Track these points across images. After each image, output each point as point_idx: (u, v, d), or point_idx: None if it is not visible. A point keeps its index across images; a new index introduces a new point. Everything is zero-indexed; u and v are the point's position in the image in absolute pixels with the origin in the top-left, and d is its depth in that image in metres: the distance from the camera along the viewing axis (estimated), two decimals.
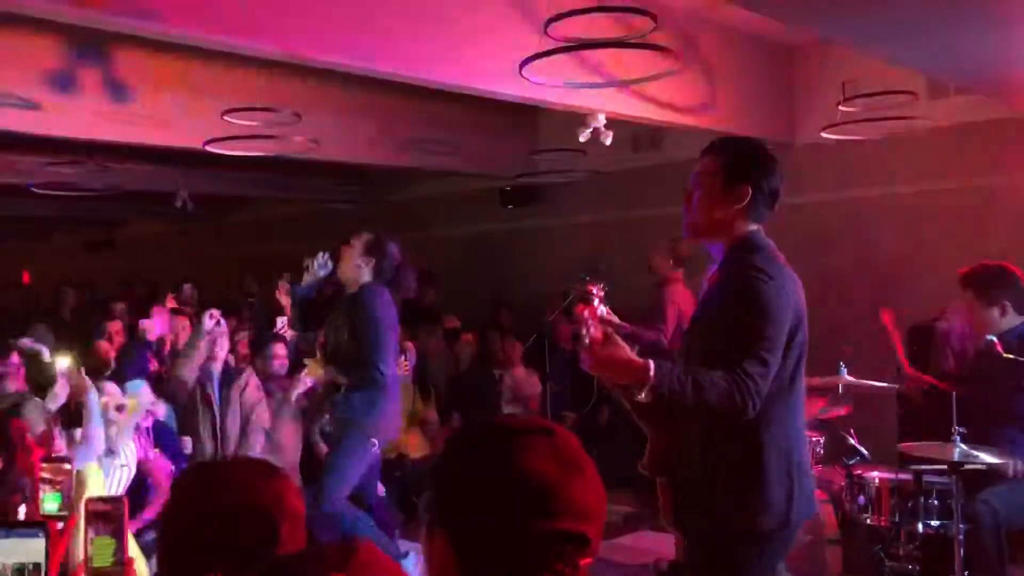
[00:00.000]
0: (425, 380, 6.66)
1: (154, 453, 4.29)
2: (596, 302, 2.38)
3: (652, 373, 2.20)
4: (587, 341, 2.28)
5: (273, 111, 5.42)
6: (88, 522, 2.07)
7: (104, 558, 2.05)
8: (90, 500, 2.12)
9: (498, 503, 1.12)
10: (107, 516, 2.07)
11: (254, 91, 6.03)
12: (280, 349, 5.23)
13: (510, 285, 9.11)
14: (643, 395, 2.22)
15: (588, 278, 6.72)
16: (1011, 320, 3.64)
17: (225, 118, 5.33)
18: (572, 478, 1.14)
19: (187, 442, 4.94)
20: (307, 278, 4.79)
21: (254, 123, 5.45)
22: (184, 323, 5.99)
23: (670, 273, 6.04)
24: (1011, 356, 3.47)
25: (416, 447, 6.22)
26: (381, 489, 5.19)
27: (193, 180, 8.81)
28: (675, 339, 5.79)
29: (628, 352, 2.26)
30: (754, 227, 2.49)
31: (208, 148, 5.55)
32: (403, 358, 5.55)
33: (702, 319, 2.50)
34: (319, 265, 4.77)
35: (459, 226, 10.13)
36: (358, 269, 4.46)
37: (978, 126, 6.20)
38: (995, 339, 3.50)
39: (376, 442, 4.33)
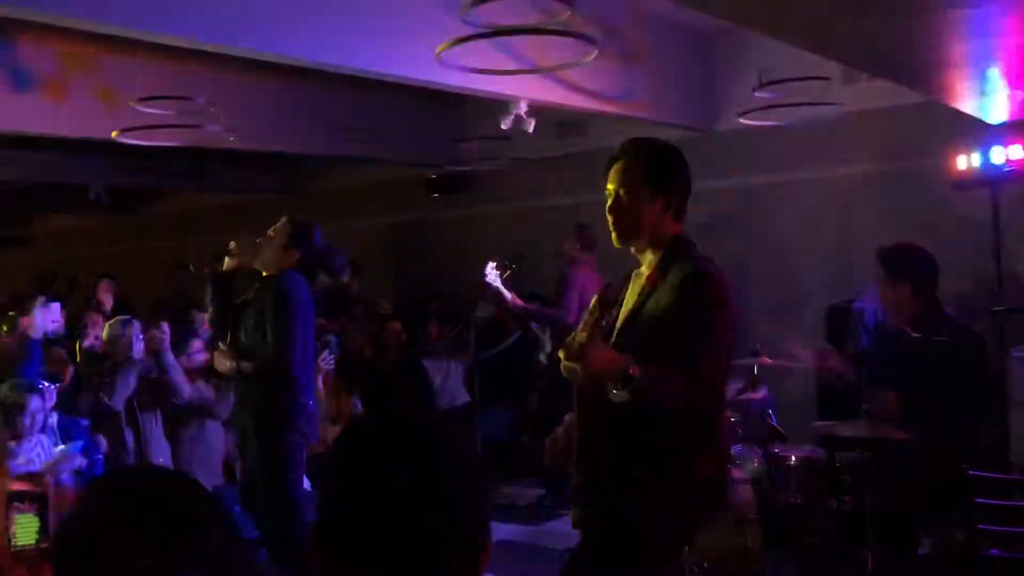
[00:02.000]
0: (349, 372, 6.59)
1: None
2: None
3: (635, 371, 2.23)
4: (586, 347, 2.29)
5: (188, 99, 5.28)
6: (9, 500, 1.99)
7: (27, 536, 1.98)
8: (11, 479, 2.04)
9: (366, 500, 1.10)
10: (29, 495, 2.00)
11: (169, 79, 5.87)
12: (197, 344, 5.12)
13: (437, 274, 9.08)
14: (623, 393, 2.24)
15: (512, 265, 6.76)
16: (921, 302, 3.73)
17: (137, 107, 5.18)
18: (453, 469, 1.12)
19: (100, 439, 4.79)
20: (229, 263, 4.41)
21: (168, 112, 5.30)
22: (97, 319, 5.81)
23: (578, 256, 6.18)
24: (918, 335, 3.57)
25: None
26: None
27: (109, 172, 8.56)
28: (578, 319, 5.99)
29: (611, 351, 2.33)
30: (679, 225, 2.59)
31: (119, 139, 5.37)
32: (326, 352, 5.49)
33: (639, 319, 2.50)
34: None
35: (385, 215, 10.04)
36: (280, 260, 4.22)
37: (891, 111, 6.36)
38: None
39: (298, 435, 4.18)
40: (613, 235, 2.60)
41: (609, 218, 2.59)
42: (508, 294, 5.85)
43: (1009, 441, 4.56)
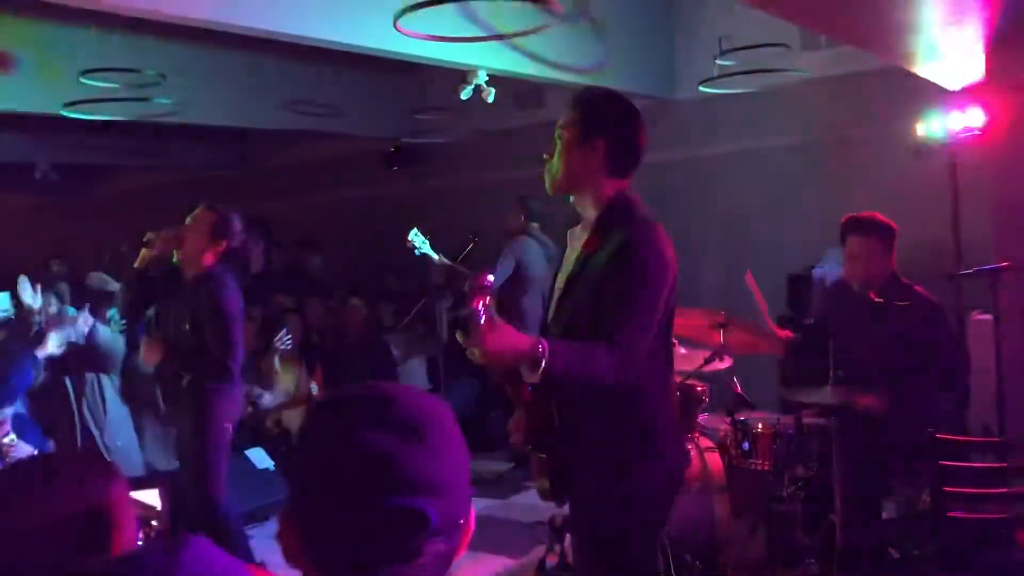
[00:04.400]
0: (310, 352, 6.50)
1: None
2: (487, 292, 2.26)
3: (543, 354, 2.13)
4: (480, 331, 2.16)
5: (136, 72, 5.12)
6: None
7: None
8: None
9: (331, 480, 1.04)
10: None
11: (116, 51, 5.69)
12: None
13: (397, 248, 8.97)
14: (534, 376, 2.17)
15: (475, 237, 6.68)
16: (887, 263, 3.74)
17: (83, 80, 5.01)
18: (410, 447, 1.04)
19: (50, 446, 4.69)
20: (146, 255, 4.24)
21: (115, 85, 5.13)
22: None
23: (524, 225, 6.22)
24: (881, 300, 3.58)
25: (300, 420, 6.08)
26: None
27: (54, 149, 8.31)
28: (521, 289, 6.04)
29: (518, 334, 2.19)
30: (619, 184, 2.44)
31: (64, 113, 5.20)
32: (284, 331, 5.41)
33: (578, 287, 2.43)
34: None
35: (342, 189, 9.90)
36: (202, 253, 4.08)
37: (850, 78, 6.37)
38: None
39: (230, 427, 4.12)
40: (546, 182, 2.49)
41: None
42: (435, 256, 5.74)
43: (968, 405, 4.63)
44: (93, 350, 4.79)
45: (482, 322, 2.12)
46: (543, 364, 2.12)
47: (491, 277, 2.26)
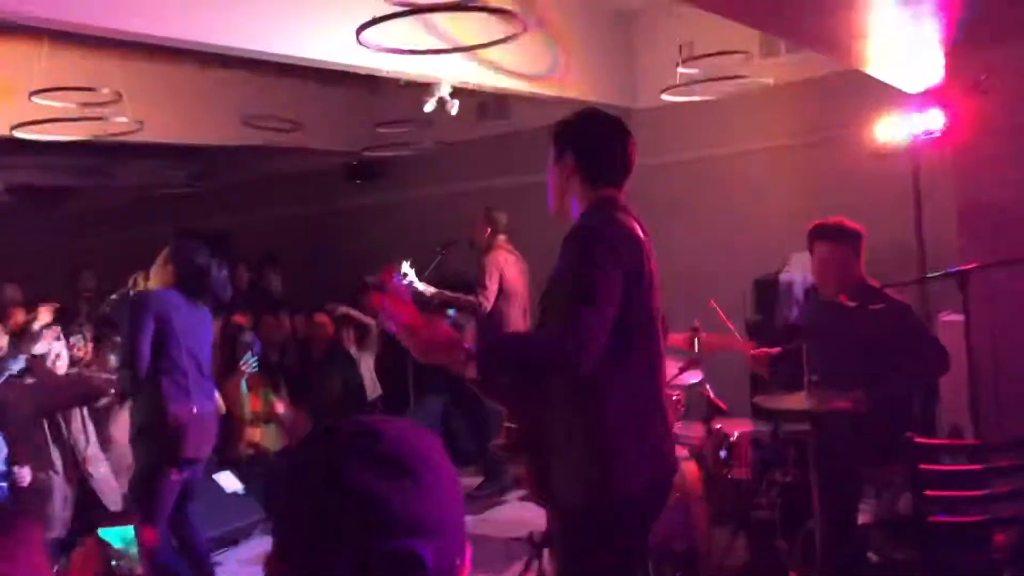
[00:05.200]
0: (272, 370, 6.39)
1: None
2: (405, 284, 2.28)
3: (468, 344, 2.16)
4: (394, 330, 2.22)
5: (90, 90, 5.00)
6: None
7: None
8: None
9: (319, 525, 0.98)
10: None
11: (70, 69, 5.56)
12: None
13: (362, 263, 8.88)
14: (469, 370, 2.16)
15: (443, 251, 6.64)
16: (856, 269, 3.75)
17: (35, 99, 4.88)
18: (400, 486, 0.99)
19: (24, 474, 4.53)
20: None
21: (69, 105, 5.01)
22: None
23: (492, 240, 6.16)
24: (853, 304, 3.58)
25: (272, 441, 5.97)
26: None
27: (8, 169, 8.11)
28: (503, 302, 5.99)
29: (442, 329, 2.20)
30: (604, 192, 2.43)
31: (16, 134, 5.05)
32: (248, 353, 5.32)
33: (548, 287, 2.43)
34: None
35: (304, 205, 9.78)
36: (159, 277, 4.21)
37: (810, 82, 6.43)
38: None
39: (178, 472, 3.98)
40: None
41: None
42: (426, 290, 5.69)
43: (936, 406, 4.66)
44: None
45: (391, 321, 2.16)
46: (468, 355, 2.13)
47: (403, 274, 2.28)
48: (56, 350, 4.78)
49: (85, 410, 4.89)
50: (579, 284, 2.23)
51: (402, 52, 4.31)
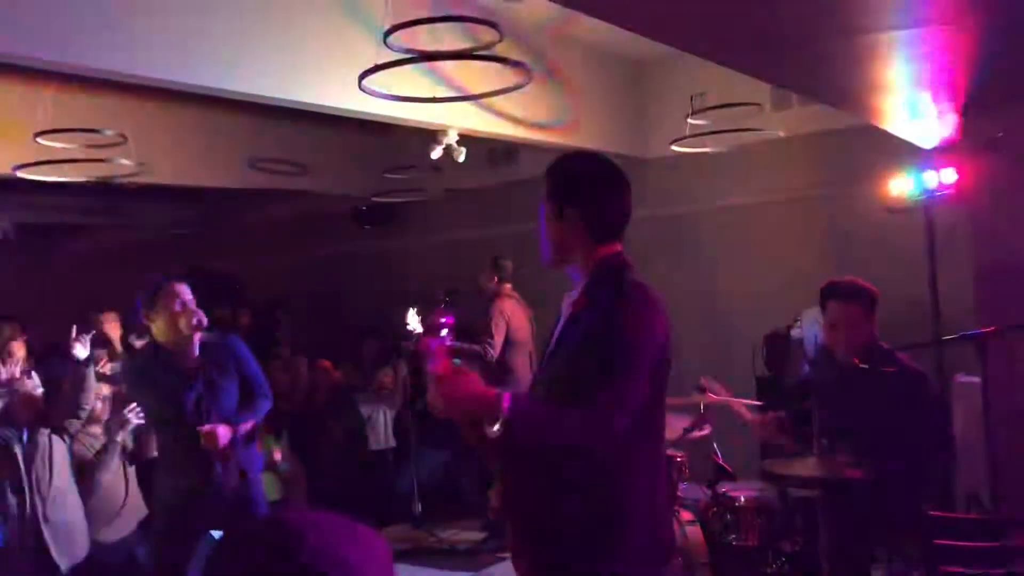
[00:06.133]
0: (276, 416, 6.26)
1: None
2: (444, 332, 2.15)
3: (506, 405, 2.02)
4: (436, 374, 2.07)
5: (94, 132, 4.97)
6: None
7: None
8: None
9: None
10: None
11: (73, 110, 5.54)
12: (104, 388, 4.75)
13: (368, 309, 8.80)
14: (495, 429, 2.03)
15: (448, 299, 6.56)
16: (868, 329, 3.62)
17: (38, 140, 4.84)
18: None
19: None
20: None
21: (72, 146, 4.97)
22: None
23: (498, 288, 6.14)
24: (865, 367, 3.45)
25: (270, 490, 5.82)
26: None
27: (12, 207, 8.10)
28: (509, 351, 5.92)
29: (478, 383, 2.07)
30: (608, 247, 2.34)
31: (19, 174, 5.01)
32: None
33: (563, 349, 2.32)
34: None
35: (312, 249, 9.74)
36: None
37: (822, 136, 6.36)
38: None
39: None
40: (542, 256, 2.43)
41: None
42: None
43: (954, 474, 4.49)
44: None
45: (436, 364, 2.03)
46: (503, 416, 2.00)
47: (446, 320, 2.13)
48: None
49: (53, 446, 4.66)
50: (615, 372, 2.11)
51: (404, 99, 4.25)
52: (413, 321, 5.45)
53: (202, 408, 3.62)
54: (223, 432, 3.58)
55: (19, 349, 5.09)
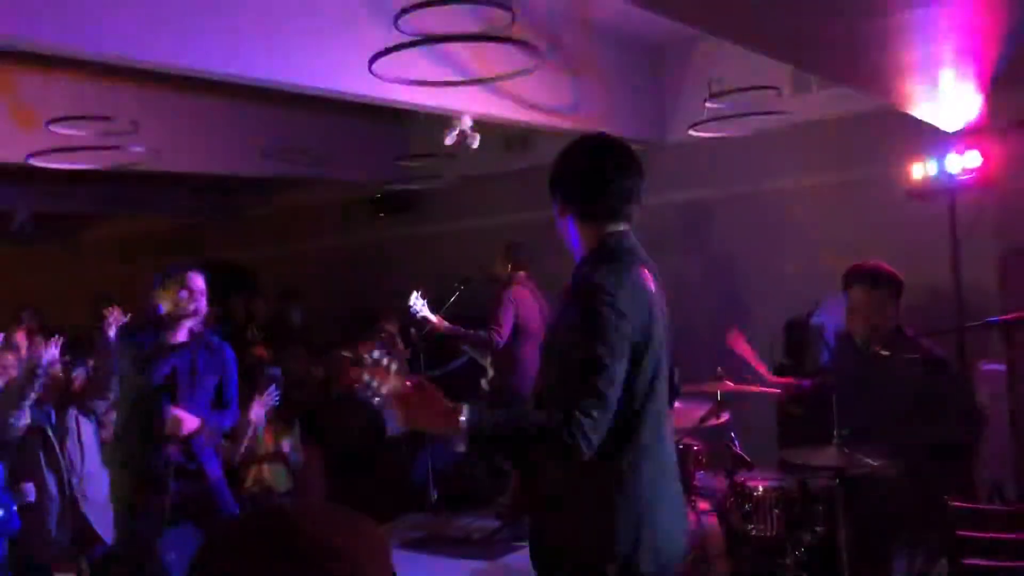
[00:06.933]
0: (290, 407, 6.24)
1: None
2: (387, 364, 2.06)
3: (464, 420, 1.98)
4: (384, 398, 2.06)
5: (107, 120, 4.95)
6: None
7: None
8: None
9: None
10: None
11: (87, 98, 5.53)
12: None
13: (384, 297, 8.77)
14: (460, 446, 2.01)
15: (462, 287, 6.52)
16: (893, 315, 3.55)
17: (51, 128, 4.83)
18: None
19: (29, 489, 4.42)
20: None
21: (84, 133, 4.95)
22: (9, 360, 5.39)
23: (512, 275, 6.02)
24: (887, 353, 3.38)
25: (280, 481, 5.81)
26: None
27: (33, 198, 8.12)
28: (518, 340, 5.81)
29: (438, 400, 2.03)
30: (611, 229, 2.25)
31: (31, 162, 5.01)
32: (272, 386, 5.18)
33: (553, 339, 2.28)
34: None
35: (327, 237, 9.72)
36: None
37: (842, 120, 6.25)
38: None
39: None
40: None
41: None
42: (434, 319, 5.61)
43: (975, 461, 4.40)
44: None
45: (377, 392, 2.02)
46: (462, 432, 1.98)
47: (376, 353, 2.08)
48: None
49: (80, 427, 4.72)
50: (585, 365, 2.04)
51: (417, 83, 4.20)
52: (418, 304, 5.43)
53: (172, 385, 3.81)
54: (189, 421, 3.71)
55: (38, 339, 5.07)
